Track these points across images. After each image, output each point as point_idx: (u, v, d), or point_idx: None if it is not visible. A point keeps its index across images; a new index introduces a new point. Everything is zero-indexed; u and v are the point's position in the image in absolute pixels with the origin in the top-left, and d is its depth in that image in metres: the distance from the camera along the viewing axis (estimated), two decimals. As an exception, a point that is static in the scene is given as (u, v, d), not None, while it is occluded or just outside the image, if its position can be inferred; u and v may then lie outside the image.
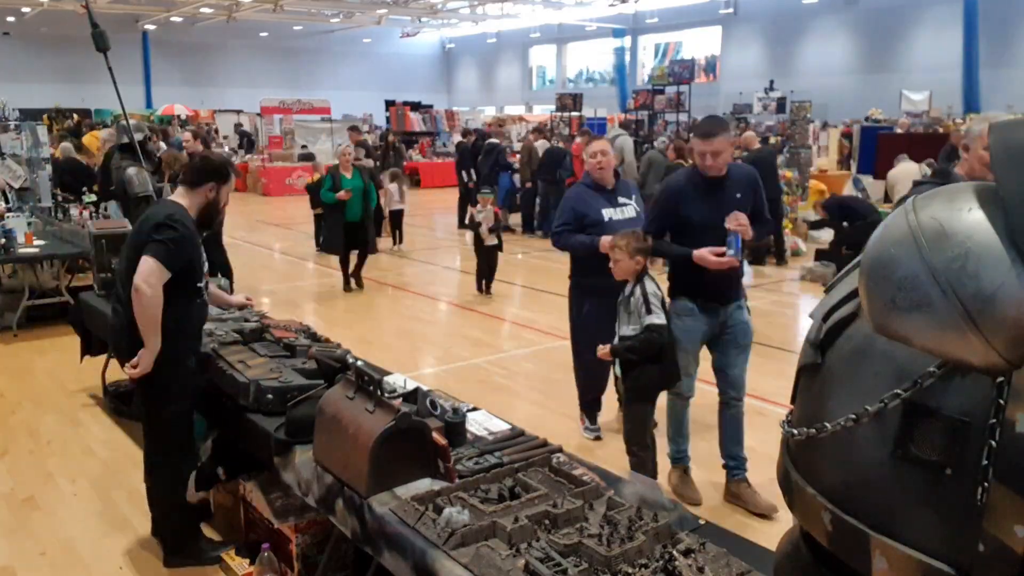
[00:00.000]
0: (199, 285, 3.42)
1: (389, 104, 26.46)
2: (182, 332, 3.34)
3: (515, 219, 14.19)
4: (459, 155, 15.05)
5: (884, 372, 1.11)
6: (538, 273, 10.66)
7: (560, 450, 2.77)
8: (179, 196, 3.44)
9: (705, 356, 4.14)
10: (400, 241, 12.30)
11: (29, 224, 8.00)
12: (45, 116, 21.24)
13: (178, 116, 27.05)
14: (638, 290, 3.84)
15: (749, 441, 4.42)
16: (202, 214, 3.45)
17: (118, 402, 5.36)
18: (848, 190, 12.99)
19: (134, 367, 3.26)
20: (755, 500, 4.03)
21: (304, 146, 21.59)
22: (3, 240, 7.19)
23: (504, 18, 33.79)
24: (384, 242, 11.54)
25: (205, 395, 3.56)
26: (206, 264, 3.54)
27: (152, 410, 3.44)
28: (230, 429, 3.48)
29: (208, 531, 3.84)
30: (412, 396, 2.80)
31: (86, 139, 10.37)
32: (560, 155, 12.85)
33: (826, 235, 10.70)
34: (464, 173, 14.10)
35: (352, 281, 9.25)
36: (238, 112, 27.27)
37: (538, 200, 13.59)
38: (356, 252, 9.16)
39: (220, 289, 4.97)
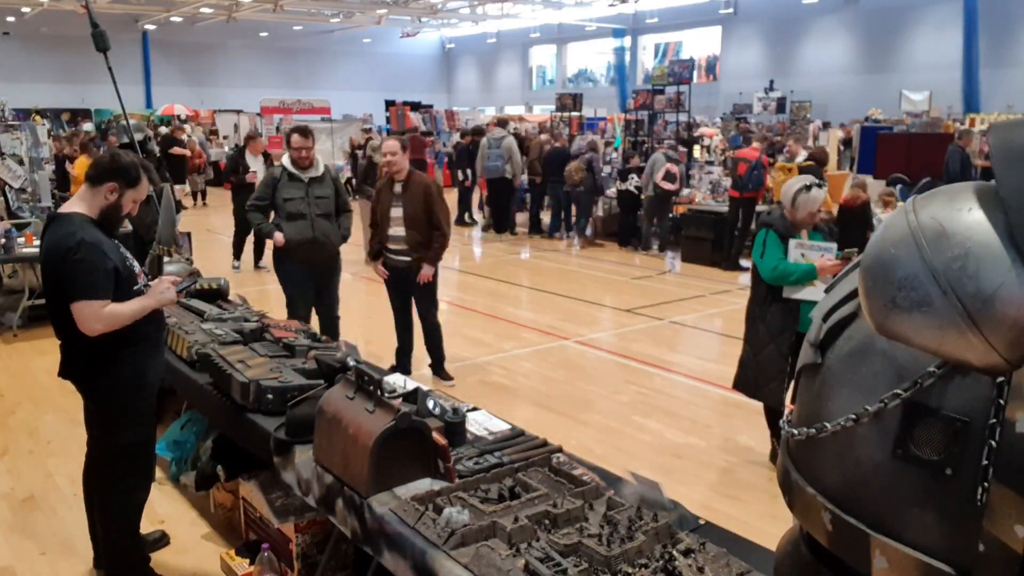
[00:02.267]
0: (136, 288, 3.08)
1: (389, 104, 26.40)
2: (134, 343, 3.07)
3: (520, 218, 14.20)
4: (456, 155, 15.34)
5: (884, 372, 1.11)
6: (539, 273, 10.65)
7: (560, 450, 2.77)
8: (78, 197, 3.06)
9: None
10: None
11: (29, 225, 8.00)
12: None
13: (178, 116, 27.03)
14: None
15: (748, 441, 4.43)
16: (102, 218, 3.02)
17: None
18: (848, 191, 12.97)
19: None
20: None
21: (304, 146, 21.50)
22: (3, 240, 7.19)
23: (504, 18, 33.77)
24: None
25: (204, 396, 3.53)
26: (135, 263, 3.17)
27: (106, 435, 3.18)
28: (230, 429, 3.48)
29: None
30: (412, 396, 2.80)
31: (77, 164, 9.96)
32: (564, 155, 12.65)
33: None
34: (460, 172, 14.46)
35: None
36: (238, 112, 27.22)
37: (548, 201, 13.55)
38: None
39: (219, 288, 4.99)
